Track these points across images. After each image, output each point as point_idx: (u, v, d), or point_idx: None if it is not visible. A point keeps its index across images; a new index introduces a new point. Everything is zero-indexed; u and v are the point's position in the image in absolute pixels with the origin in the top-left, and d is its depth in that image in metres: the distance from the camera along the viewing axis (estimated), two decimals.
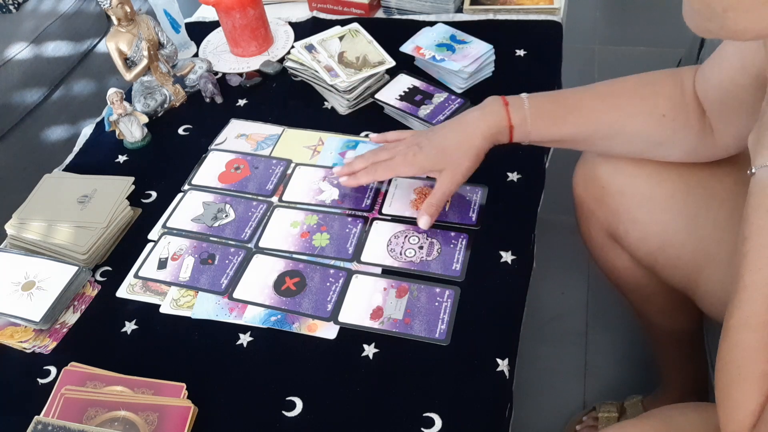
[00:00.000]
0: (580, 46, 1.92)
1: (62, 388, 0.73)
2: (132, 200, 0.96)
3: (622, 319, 1.26)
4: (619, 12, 2.13)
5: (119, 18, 1.06)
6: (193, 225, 0.92)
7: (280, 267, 0.85)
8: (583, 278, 1.36)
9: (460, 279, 0.80)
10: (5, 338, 0.81)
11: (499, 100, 0.80)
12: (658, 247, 0.81)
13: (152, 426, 0.69)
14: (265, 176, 0.98)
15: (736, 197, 0.73)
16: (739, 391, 0.51)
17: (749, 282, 0.51)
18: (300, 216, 0.91)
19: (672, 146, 0.76)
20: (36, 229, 0.91)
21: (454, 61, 1.04)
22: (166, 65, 1.13)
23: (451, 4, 1.21)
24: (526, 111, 0.78)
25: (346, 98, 1.04)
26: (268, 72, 1.16)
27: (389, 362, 0.74)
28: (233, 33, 1.19)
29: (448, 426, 0.68)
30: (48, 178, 1.00)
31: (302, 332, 0.78)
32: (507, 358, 0.73)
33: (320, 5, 1.30)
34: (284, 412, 0.71)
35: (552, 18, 1.17)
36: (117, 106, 1.03)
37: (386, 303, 0.79)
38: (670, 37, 1.87)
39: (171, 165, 1.03)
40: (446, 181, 0.81)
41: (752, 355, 0.50)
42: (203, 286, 0.84)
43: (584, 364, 1.24)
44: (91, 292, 0.86)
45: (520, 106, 0.79)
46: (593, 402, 1.16)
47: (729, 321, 0.52)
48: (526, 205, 0.89)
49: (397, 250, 0.84)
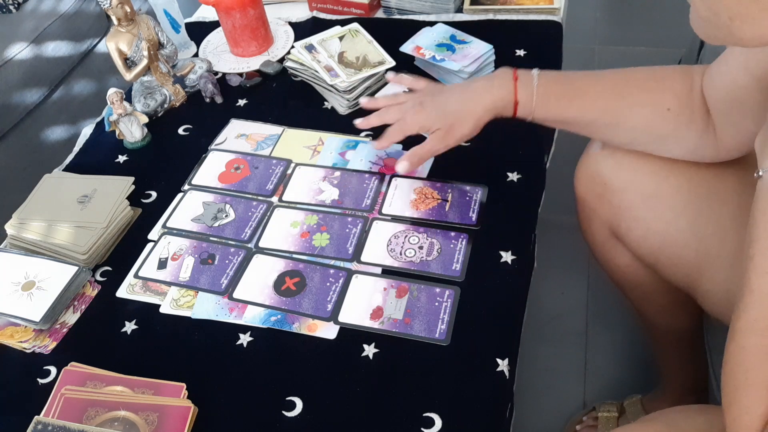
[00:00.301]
0: (580, 46, 1.92)
1: (62, 388, 0.73)
2: (132, 200, 0.96)
3: (622, 319, 1.26)
4: (619, 12, 2.13)
5: (119, 18, 1.06)
6: (193, 225, 0.92)
7: (280, 267, 0.85)
8: (583, 278, 1.36)
9: (460, 279, 0.80)
10: (5, 338, 0.81)
11: (510, 73, 0.80)
12: (659, 246, 0.81)
13: (152, 426, 0.69)
14: (265, 176, 0.98)
15: (740, 197, 0.73)
16: (746, 395, 0.50)
17: (756, 286, 0.50)
18: (300, 216, 0.91)
19: (674, 142, 0.76)
20: (36, 229, 0.91)
21: (454, 61, 1.04)
22: (166, 65, 1.13)
23: (451, 4, 1.21)
24: (534, 89, 0.78)
25: (346, 98, 1.04)
26: (268, 72, 1.16)
27: (389, 362, 0.74)
28: (233, 33, 1.19)
29: (448, 426, 0.68)
30: (48, 178, 1.00)
31: (302, 332, 0.78)
32: (507, 358, 0.73)
33: (320, 5, 1.30)
34: (284, 412, 0.71)
35: (552, 18, 1.17)
36: (117, 106, 1.03)
37: (386, 303, 0.79)
38: (670, 37, 1.87)
39: (171, 165, 1.03)
40: (436, 140, 0.83)
41: (759, 358, 0.50)
42: (203, 286, 0.84)
43: (584, 364, 1.24)
44: (91, 292, 0.86)
45: (528, 82, 0.79)
46: (593, 402, 1.16)
47: (736, 324, 0.52)
48: (526, 205, 0.89)
49: (397, 250, 0.84)
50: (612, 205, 0.84)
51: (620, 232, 0.85)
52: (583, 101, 0.78)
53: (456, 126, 0.81)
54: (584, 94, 0.78)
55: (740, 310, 0.52)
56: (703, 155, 0.75)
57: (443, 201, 0.89)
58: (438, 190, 0.90)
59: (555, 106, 0.79)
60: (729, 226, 0.73)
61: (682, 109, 0.73)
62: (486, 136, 0.85)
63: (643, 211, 0.81)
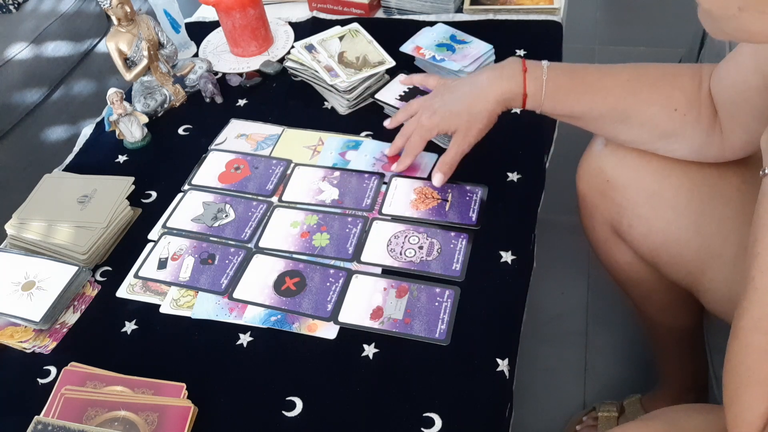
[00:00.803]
0: (580, 46, 1.92)
1: (62, 388, 0.73)
2: (132, 200, 0.96)
3: (622, 319, 1.26)
4: (619, 12, 2.13)
5: (119, 18, 1.06)
6: (193, 225, 0.92)
7: (280, 267, 0.85)
8: (583, 278, 1.36)
9: (460, 279, 0.80)
10: (5, 338, 0.81)
11: (519, 64, 0.80)
12: (662, 244, 0.81)
13: (152, 426, 0.69)
14: (265, 176, 0.98)
15: (743, 196, 0.72)
16: (749, 394, 0.50)
17: (761, 284, 0.50)
18: (300, 216, 0.91)
19: (679, 141, 0.75)
20: (36, 229, 0.91)
21: (454, 61, 1.04)
22: (166, 65, 1.13)
23: (451, 4, 1.21)
24: (543, 81, 0.78)
25: (346, 98, 1.04)
26: (268, 72, 1.16)
27: (389, 362, 0.74)
28: (233, 33, 1.19)
29: (448, 426, 0.68)
30: (48, 178, 1.00)
31: (302, 332, 0.78)
32: (507, 358, 0.73)
33: (320, 5, 1.30)
34: (284, 412, 0.71)
35: (552, 18, 1.17)
36: (117, 106, 1.03)
37: (386, 303, 0.79)
38: (670, 37, 1.87)
39: (171, 165, 1.03)
40: (459, 141, 0.84)
41: (763, 357, 0.50)
42: (203, 286, 0.84)
43: (584, 364, 1.24)
44: (91, 292, 0.86)
45: (538, 75, 0.79)
46: (593, 401, 1.16)
47: (739, 323, 0.52)
48: (526, 205, 0.89)
49: (397, 250, 0.84)
50: (614, 203, 0.84)
51: (622, 230, 0.85)
52: (593, 97, 0.77)
53: (472, 123, 0.82)
54: (594, 89, 0.78)
55: (744, 308, 0.51)
56: (707, 155, 0.75)
57: (443, 201, 0.89)
58: (438, 190, 0.90)
59: (564, 99, 0.79)
60: (731, 225, 0.73)
61: (690, 108, 0.73)
62: (486, 136, 0.85)
63: (645, 209, 0.81)
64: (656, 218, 0.80)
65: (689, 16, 0.54)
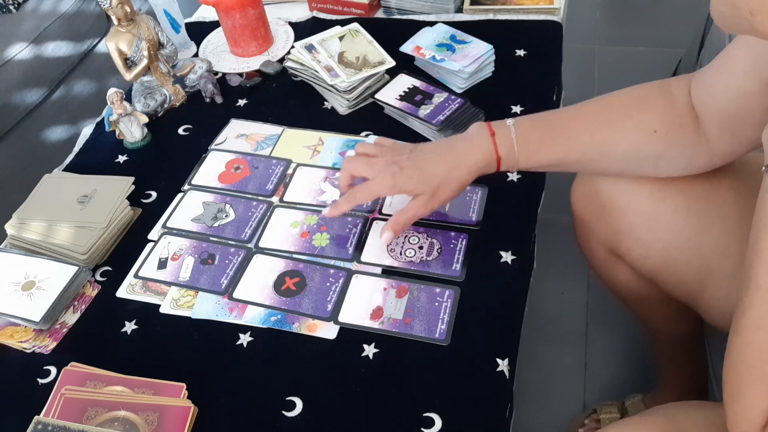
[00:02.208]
0: (580, 46, 1.92)
1: (62, 388, 0.73)
2: (132, 200, 0.96)
3: (622, 319, 1.26)
4: (619, 12, 2.13)
5: (119, 18, 1.06)
6: (193, 225, 0.92)
7: (280, 267, 0.85)
8: (583, 278, 1.36)
9: (460, 279, 0.80)
10: (5, 338, 0.81)
11: (486, 130, 0.76)
12: (661, 264, 0.80)
13: (152, 426, 0.69)
14: (265, 176, 0.98)
15: (740, 211, 0.72)
16: (750, 392, 0.50)
17: (763, 281, 0.49)
18: (300, 216, 0.91)
19: (667, 162, 0.73)
20: (36, 229, 0.91)
21: (454, 61, 1.04)
22: (166, 65, 1.13)
23: (451, 4, 1.21)
24: (513, 139, 0.75)
25: (346, 98, 1.04)
26: (268, 72, 1.16)
27: (389, 362, 0.74)
28: (233, 33, 1.19)
29: (448, 426, 0.68)
30: (48, 178, 1.00)
31: (302, 332, 0.78)
32: (507, 358, 0.73)
33: (320, 5, 1.30)
34: (284, 412, 0.71)
35: (552, 18, 1.17)
36: (117, 106, 1.03)
37: (386, 303, 0.79)
38: (670, 37, 1.88)
39: (171, 165, 1.03)
40: (420, 205, 0.77)
41: (764, 355, 0.50)
42: (203, 286, 0.84)
43: (584, 364, 1.24)
44: (91, 292, 0.86)
45: (506, 135, 0.75)
46: (593, 402, 1.16)
47: (740, 320, 0.51)
48: (526, 205, 0.89)
49: (397, 250, 0.84)
50: (611, 227, 0.82)
51: (620, 252, 0.84)
52: (566, 141, 0.75)
53: (441, 190, 0.77)
54: (566, 132, 0.75)
55: (745, 306, 0.51)
56: (698, 166, 0.73)
57: None
58: None
59: (537, 151, 0.76)
60: (729, 240, 0.72)
61: (670, 127, 0.71)
62: None
63: (643, 232, 0.79)
64: (655, 240, 0.78)
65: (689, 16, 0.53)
